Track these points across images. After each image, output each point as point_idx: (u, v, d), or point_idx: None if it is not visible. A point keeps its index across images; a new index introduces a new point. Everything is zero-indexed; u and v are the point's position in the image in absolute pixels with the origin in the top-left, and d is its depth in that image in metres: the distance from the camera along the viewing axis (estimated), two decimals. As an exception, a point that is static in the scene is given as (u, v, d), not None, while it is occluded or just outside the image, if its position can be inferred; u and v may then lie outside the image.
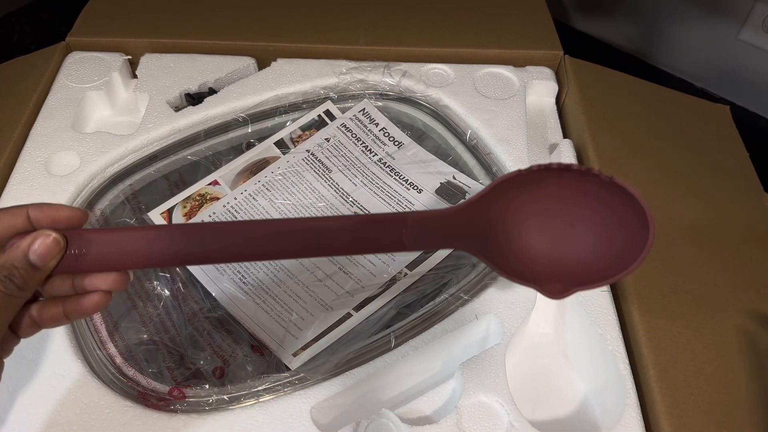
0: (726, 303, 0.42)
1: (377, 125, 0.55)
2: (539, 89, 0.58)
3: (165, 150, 0.52)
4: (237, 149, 0.54)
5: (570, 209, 0.30)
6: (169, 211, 0.49)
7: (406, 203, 0.50)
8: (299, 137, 0.54)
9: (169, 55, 0.58)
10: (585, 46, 0.83)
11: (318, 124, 0.55)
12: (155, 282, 0.46)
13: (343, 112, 0.56)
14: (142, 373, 0.41)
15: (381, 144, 0.54)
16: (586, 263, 0.30)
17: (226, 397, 0.39)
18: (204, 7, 0.63)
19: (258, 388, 0.39)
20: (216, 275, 0.45)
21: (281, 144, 0.53)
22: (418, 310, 0.44)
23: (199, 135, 0.53)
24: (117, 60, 0.58)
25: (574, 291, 0.29)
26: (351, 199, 0.50)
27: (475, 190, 0.50)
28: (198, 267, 0.46)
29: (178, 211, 0.49)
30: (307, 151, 0.53)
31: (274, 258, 0.30)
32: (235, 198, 0.50)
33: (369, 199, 0.50)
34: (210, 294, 0.45)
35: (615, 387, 0.40)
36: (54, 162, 0.50)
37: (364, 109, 0.56)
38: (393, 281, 0.46)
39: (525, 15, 0.63)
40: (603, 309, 0.42)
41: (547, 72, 0.58)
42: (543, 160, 0.53)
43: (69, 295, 0.28)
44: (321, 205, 0.49)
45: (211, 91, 0.57)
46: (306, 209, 0.49)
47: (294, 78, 0.56)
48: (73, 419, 0.37)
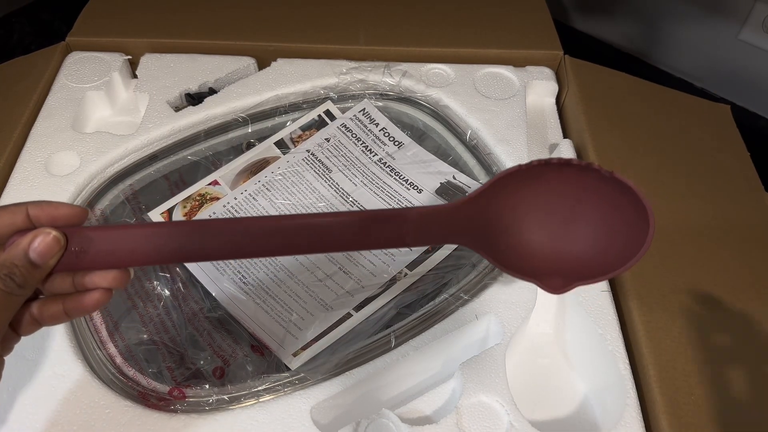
0: (726, 303, 0.42)
1: (377, 125, 0.55)
2: (539, 89, 0.58)
3: (165, 150, 0.52)
4: (237, 149, 0.54)
5: (570, 204, 0.30)
6: (169, 211, 0.49)
7: (406, 203, 0.50)
8: (299, 137, 0.54)
9: (169, 55, 0.58)
10: (585, 46, 0.83)
11: (318, 124, 0.55)
12: (155, 282, 0.46)
13: (343, 112, 0.56)
14: (142, 373, 0.41)
15: (381, 144, 0.54)
16: (586, 258, 0.30)
17: (226, 397, 0.39)
18: (204, 7, 0.63)
19: (258, 388, 0.39)
20: (216, 275, 0.45)
21: (281, 144, 0.53)
22: (418, 310, 0.44)
23: (199, 135, 0.53)
24: (117, 60, 0.58)
25: (574, 286, 0.29)
26: (351, 199, 0.50)
27: (470, 192, 0.50)
28: (198, 267, 0.46)
29: (178, 211, 0.49)
30: (307, 151, 0.53)
31: (275, 254, 0.30)
32: (235, 198, 0.50)
33: (369, 199, 0.50)
34: (210, 294, 0.45)
35: (615, 387, 0.40)
36: (54, 162, 0.50)
37: (364, 109, 0.56)
38: (393, 281, 0.46)
39: (525, 15, 0.63)
40: (603, 309, 0.42)
41: (547, 72, 0.58)
42: (543, 160, 0.53)
43: (69, 293, 0.28)
44: (321, 205, 0.49)
45: (211, 91, 0.57)
46: (306, 209, 0.49)
47: (294, 78, 0.56)
48: (74, 419, 0.37)
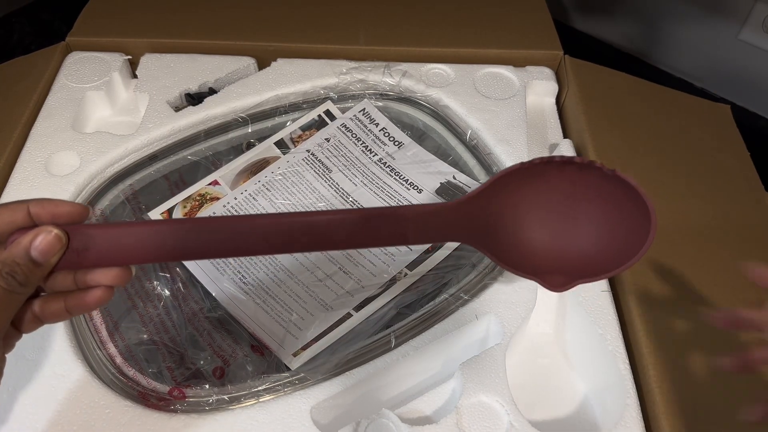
0: (726, 303, 0.42)
1: (377, 125, 0.55)
2: (539, 89, 0.58)
3: (165, 150, 0.52)
4: (237, 149, 0.54)
5: (572, 202, 0.30)
6: (169, 211, 0.49)
7: (406, 203, 0.50)
8: (299, 137, 0.54)
9: (169, 55, 0.58)
10: (585, 46, 0.83)
11: (318, 124, 0.55)
12: (155, 282, 0.46)
13: (343, 112, 0.56)
14: (142, 373, 0.41)
15: (381, 144, 0.54)
16: (587, 256, 0.30)
17: (226, 397, 0.39)
18: (204, 7, 0.63)
19: (258, 388, 0.39)
20: (216, 275, 0.45)
21: (281, 144, 0.53)
22: (418, 310, 0.44)
23: (199, 135, 0.53)
24: (117, 60, 0.58)
25: (575, 284, 0.29)
26: (351, 199, 0.50)
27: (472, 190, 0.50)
28: (198, 267, 0.46)
29: (178, 211, 0.49)
30: (307, 151, 0.53)
31: (277, 252, 0.30)
32: (235, 198, 0.50)
33: (369, 199, 0.50)
34: (210, 294, 0.45)
35: (615, 387, 0.40)
36: (54, 162, 0.50)
37: (364, 109, 0.56)
38: (393, 281, 0.46)
39: (525, 15, 0.63)
40: (603, 309, 0.42)
41: (547, 72, 0.58)
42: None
43: (71, 290, 0.28)
44: (321, 205, 0.49)
45: (211, 91, 0.57)
46: (306, 209, 0.49)
47: (294, 78, 0.56)
48: (74, 419, 0.37)
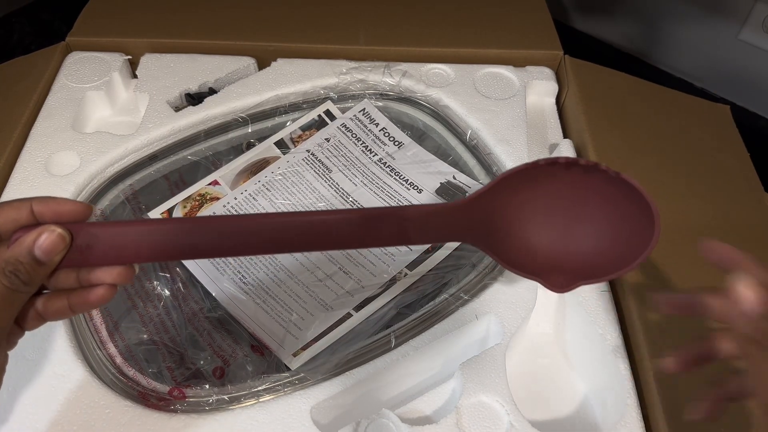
0: (726, 303, 0.42)
1: (377, 125, 0.55)
2: (539, 89, 0.58)
3: (165, 150, 0.52)
4: (237, 149, 0.54)
5: (575, 203, 0.30)
6: (169, 211, 0.49)
7: (406, 203, 0.50)
8: (299, 137, 0.54)
9: (169, 55, 0.58)
10: (585, 46, 0.83)
11: (318, 124, 0.55)
12: (155, 282, 0.46)
13: (343, 112, 0.56)
14: (142, 373, 0.41)
15: (381, 144, 0.54)
16: (590, 257, 0.30)
17: (226, 397, 0.39)
18: (204, 7, 0.63)
19: (258, 388, 0.39)
20: (216, 275, 0.45)
21: (281, 144, 0.53)
22: (418, 310, 0.44)
23: (199, 135, 0.53)
24: (117, 60, 0.58)
25: (577, 285, 0.29)
26: (351, 199, 0.50)
27: (475, 190, 0.50)
28: (198, 267, 0.46)
29: (178, 211, 0.49)
30: (307, 151, 0.53)
31: (280, 251, 0.30)
32: (235, 198, 0.50)
33: (369, 199, 0.50)
34: (210, 294, 0.45)
35: (615, 387, 0.40)
36: (54, 162, 0.50)
37: (364, 109, 0.56)
38: (393, 281, 0.46)
39: (525, 15, 0.63)
40: (603, 309, 0.42)
41: (547, 72, 0.58)
42: (543, 160, 0.53)
43: (74, 288, 0.29)
44: (321, 205, 0.49)
45: (211, 91, 0.57)
46: (306, 209, 0.49)
47: (294, 78, 0.56)
48: (74, 419, 0.37)
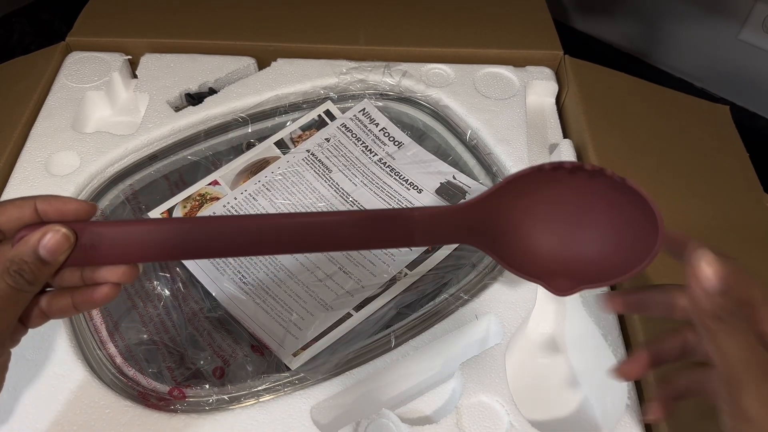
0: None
1: (377, 125, 0.55)
2: (539, 89, 0.58)
3: (165, 150, 0.52)
4: (237, 149, 0.54)
5: (580, 208, 0.30)
6: (169, 211, 0.49)
7: (406, 203, 0.50)
8: (299, 137, 0.54)
9: (169, 55, 0.58)
10: (585, 46, 0.83)
11: (318, 124, 0.55)
12: (155, 282, 0.46)
13: (343, 112, 0.56)
14: (142, 373, 0.41)
15: (381, 144, 0.54)
16: (593, 262, 0.30)
17: (226, 397, 0.39)
18: (204, 7, 0.63)
19: (258, 388, 0.39)
20: (216, 275, 0.45)
21: (281, 144, 0.53)
22: (418, 310, 0.44)
23: (199, 135, 0.53)
24: (117, 60, 0.58)
25: (579, 289, 0.29)
26: (351, 199, 0.50)
27: (475, 190, 0.50)
28: (198, 267, 0.46)
29: (178, 211, 0.49)
30: (307, 151, 0.53)
31: (285, 252, 0.30)
32: (235, 198, 0.50)
33: (369, 199, 0.50)
34: (210, 294, 0.45)
35: (615, 387, 0.40)
36: (54, 162, 0.50)
37: (364, 109, 0.56)
38: (393, 281, 0.46)
39: (525, 15, 0.63)
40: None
41: (547, 72, 0.58)
42: (543, 160, 0.53)
43: (78, 286, 0.29)
44: (321, 205, 0.49)
45: (211, 91, 0.57)
46: (306, 209, 0.49)
47: (294, 78, 0.56)
48: (74, 419, 0.37)
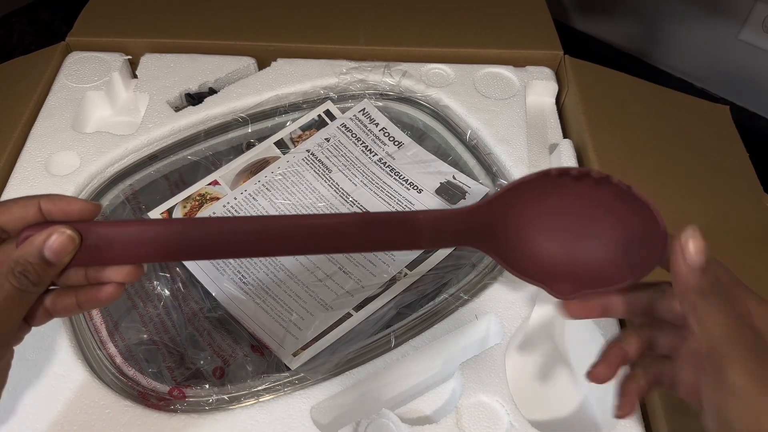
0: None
1: (377, 125, 0.55)
2: (539, 89, 0.58)
3: (165, 150, 0.52)
4: (237, 149, 0.54)
5: (584, 213, 0.30)
6: (169, 211, 0.49)
7: (406, 203, 0.50)
8: (299, 137, 0.54)
9: (169, 55, 0.58)
10: (585, 46, 0.83)
11: (318, 124, 0.55)
12: (155, 282, 0.46)
13: (343, 112, 0.56)
14: (142, 373, 0.41)
15: (381, 144, 0.54)
16: (595, 267, 0.30)
17: (226, 397, 0.39)
18: (204, 7, 0.63)
19: (258, 388, 0.39)
20: (216, 275, 0.45)
21: (281, 144, 0.53)
22: (418, 310, 0.44)
23: (199, 135, 0.53)
24: (117, 60, 0.58)
25: (581, 293, 0.30)
26: (351, 199, 0.50)
27: (475, 190, 0.50)
28: (198, 267, 0.46)
29: (178, 211, 0.49)
30: (307, 151, 0.53)
31: (291, 254, 0.30)
32: (235, 198, 0.50)
33: (369, 199, 0.50)
34: (210, 294, 0.45)
35: (615, 387, 0.40)
36: (54, 162, 0.50)
37: (364, 109, 0.56)
38: (393, 281, 0.46)
39: (525, 15, 0.63)
40: (603, 309, 0.42)
41: (547, 72, 0.58)
42: (543, 159, 0.53)
43: (82, 285, 0.29)
44: (321, 205, 0.49)
45: (211, 91, 0.57)
46: (306, 209, 0.49)
47: (294, 78, 0.56)
48: (73, 419, 0.37)
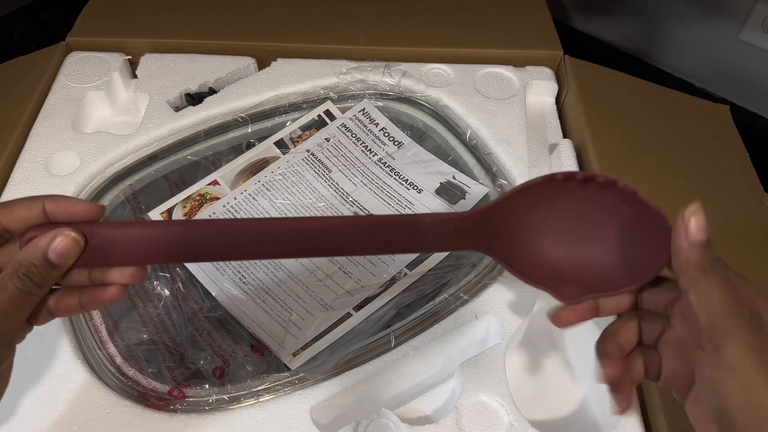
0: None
1: (377, 125, 0.55)
2: (539, 89, 0.58)
3: (165, 150, 0.52)
4: (237, 149, 0.54)
5: (589, 218, 0.30)
6: (169, 211, 0.49)
7: (405, 203, 0.50)
8: (299, 137, 0.54)
9: (169, 55, 0.58)
10: (585, 46, 0.83)
11: (318, 124, 0.55)
12: (155, 282, 0.46)
13: (343, 112, 0.56)
14: (142, 373, 0.41)
15: (381, 144, 0.54)
16: (600, 271, 0.30)
17: (226, 397, 0.39)
18: (204, 7, 0.63)
19: (258, 388, 0.39)
20: (216, 275, 0.45)
21: (281, 144, 0.53)
22: (418, 309, 0.44)
23: (199, 135, 0.53)
24: (117, 60, 0.58)
25: (586, 298, 0.29)
26: (351, 199, 0.50)
27: (475, 190, 0.50)
28: (198, 267, 0.46)
29: (178, 211, 0.49)
30: (307, 151, 0.53)
31: (295, 256, 0.30)
32: (235, 198, 0.50)
33: (369, 199, 0.50)
34: (210, 294, 0.45)
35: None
36: (54, 162, 0.50)
37: (364, 109, 0.56)
38: (393, 281, 0.46)
39: (525, 15, 0.63)
40: (603, 309, 0.42)
41: (547, 72, 0.58)
42: (543, 160, 0.53)
43: (85, 286, 0.29)
44: (321, 205, 0.49)
45: (211, 91, 0.57)
46: (306, 209, 0.49)
47: (294, 78, 0.56)
48: (73, 419, 0.37)
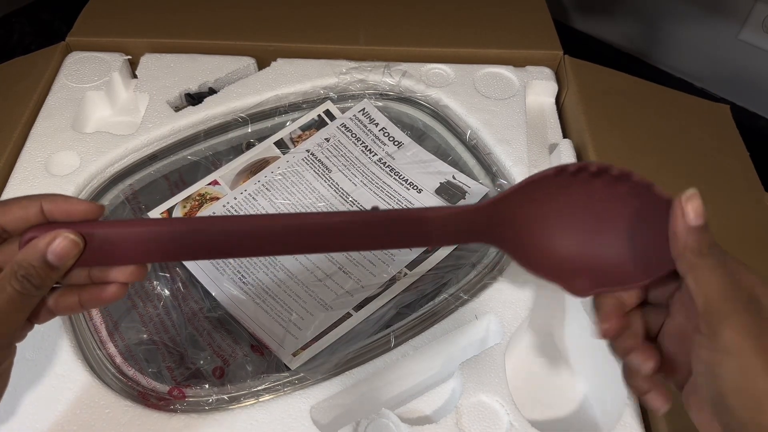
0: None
1: (377, 125, 0.55)
2: (539, 89, 0.58)
3: (165, 150, 0.52)
4: (237, 149, 0.54)
5: (601, 210, 0.29)
6: (169, 211, 0.49)
7: (405, 203, 0.50)
8: (299, 137, 0.54)
9: (169, 55, 0.58)
10: (585, 46, 0.83)
11: (318, 124, 0.55)
12: (155, 282, 0.46)
13: (343, 112, 0.56)
14: (142, 373, 0.41)
15: (381, 144, 0.54)
16: (613, 264, 0.29)
17: (226, 397, 0.39)
18: (204, 7, 0.63)
19: (258, 388, 0.39)
20: (216, 275, 0.45)
21: (281, 144, 0.53)
22: (417, 309, 0.44)
23: (199, 135, 0.53)
24: (117, 60, 0.58)
25: (598, 291, 0.29)
26: (351, 199, 0.50)
27: (475, 189, 0.50)
28: (198, 267, 0.46)
29: (178, 211, 0.49)
30: (307, 151, 0.53)
31: (299, 252, 0.30)
32: (235, 198, 0.50)
33: (369, 199, 0.50)
34: (210, 294, 0.45)
35: (615, 387, 0.40)
36: (54, 162, 0.50)
37: (364, 109, 0.56)
38: (393, 281, 0.46)
39: (525, 15, 0.63)
40: (603, 309, 0.42)
41: (547, 72, 0.58)
42: (543, 159, 0.53)
43: (85, 284, 0.29)
44: (321, 205, 0.49)
45: (211, 91, 0.57)
46: (306, 209, 0.49)
47: (294, 78, 0.56)
48: (73, 419, 0.37)
